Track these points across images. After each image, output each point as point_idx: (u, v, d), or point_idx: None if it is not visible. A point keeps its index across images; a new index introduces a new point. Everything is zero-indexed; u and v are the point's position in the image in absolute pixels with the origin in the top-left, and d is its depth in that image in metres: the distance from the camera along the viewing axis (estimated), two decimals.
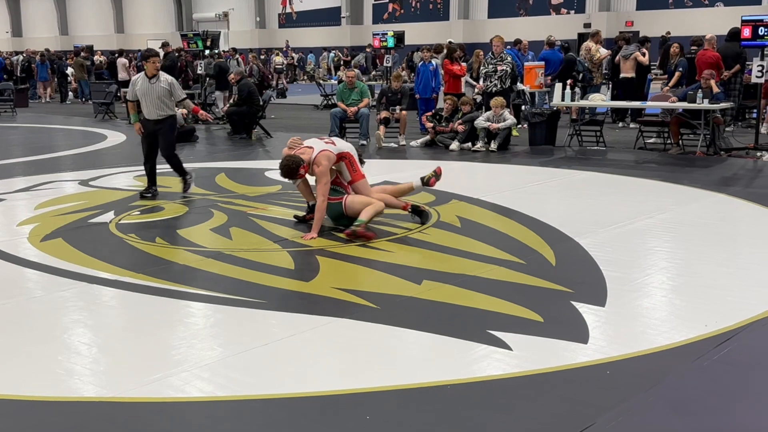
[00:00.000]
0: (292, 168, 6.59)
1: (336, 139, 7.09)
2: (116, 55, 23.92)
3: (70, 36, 51.03)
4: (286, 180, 6.93)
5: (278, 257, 5.95)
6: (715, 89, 10.81)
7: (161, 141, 8.24)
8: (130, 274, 5.51)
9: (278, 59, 31.23)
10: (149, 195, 8.18)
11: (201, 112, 8.23)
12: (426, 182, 7.11)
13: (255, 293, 5.07)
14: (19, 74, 24.88)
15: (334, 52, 36.71)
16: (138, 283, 5.30)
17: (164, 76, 8.14)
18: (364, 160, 7.33)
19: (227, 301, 4.92)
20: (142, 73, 8.20)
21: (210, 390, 3.65)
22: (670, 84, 13.59)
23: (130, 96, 8.30)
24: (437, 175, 7.10)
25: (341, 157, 6.80)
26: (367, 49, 23.78)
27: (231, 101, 14.63)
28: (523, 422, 3.32)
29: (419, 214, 6.99)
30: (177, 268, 5.73)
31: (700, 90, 10.79)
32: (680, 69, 13.69)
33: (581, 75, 14.87)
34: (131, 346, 4.25)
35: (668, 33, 15.58)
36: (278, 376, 3.81)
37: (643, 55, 14.25)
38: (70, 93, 25.42)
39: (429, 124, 12.44)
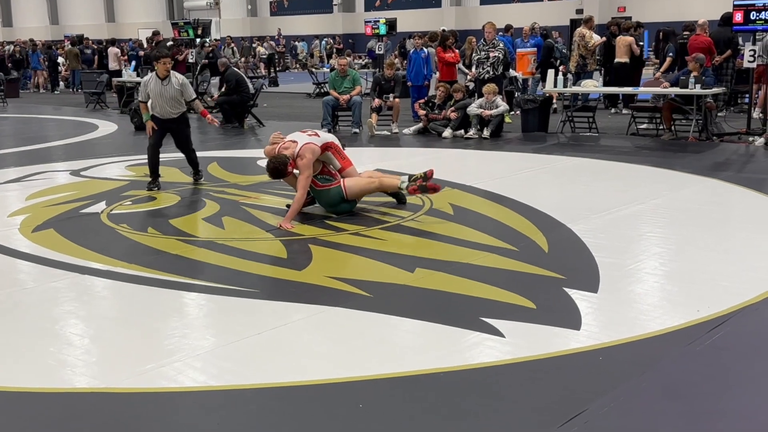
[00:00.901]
0: (279, 169, 6.61)
1: (318, 131, 7.09)
2: (106, 44, 23.77)
3: (61, 25, 50.66)
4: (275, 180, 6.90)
5: (271, 246, 5.94)
6: (695, 73, 10.80)
7: (179, 138, 8.32)
8: (122, 264, 5.49)
9: (261, 49, 31.09)
10: (155, 187, 8.12)
11: (208, 116, 8.21)
12: (412, 180, 6.75)
13: (247, 282, 5.06)
14: (9, 64, 24.67)
15: (325, 40, 36.59)
16: (130, 274, 5.28)
17: (175, 77, 8.13)
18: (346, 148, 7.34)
19: (220, 290, 4.91)
20: (153, 73, 8.16)
21: (203, 380, 3.65)
22: (662, 69, 13.57)
23: (142, 97, 8.26)
24: (426, 177, 6.70)
25: (326, 147, 6.84)
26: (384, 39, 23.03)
27: (221, 90, 14.56)
28: (516, 409, 3.32)
29: (395, 195, 7.12)
30: (169, 258, 5.71)
31: (691, 75, 10.78)
32: (670, 54, 13.67)
33: (558, 61, 14.87)
34: (123, 336, 4.24)
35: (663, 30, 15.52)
36: (271, 365, 3.80)
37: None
38: (61, 83, 25.27)
39: (422, 112, 12.42)
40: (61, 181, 8.97)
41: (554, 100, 13.76)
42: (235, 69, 14.24)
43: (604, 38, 14.56)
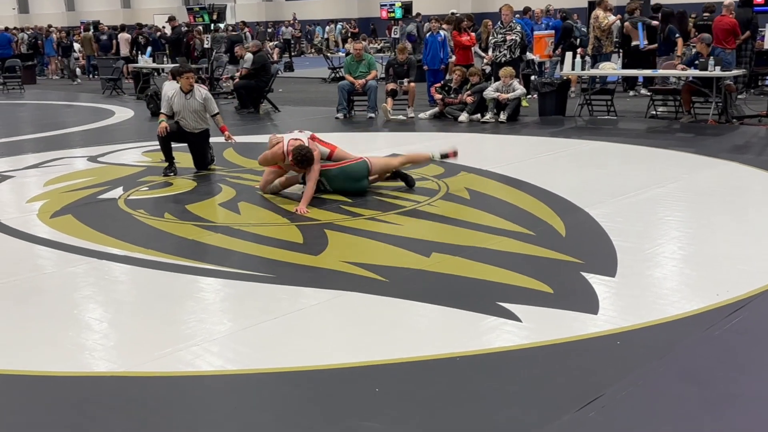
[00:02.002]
0: (308, 156, 6.64)
1: (298, 131, 7.22)
2: (118, 30, 23.81)
3: (77, 12, 50.84)
4: (301, 170, 6.85)
5: (287, 231, 5.94)
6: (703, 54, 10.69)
7: (197, 154, 8.37)
8: (139, 249, 5.51)
9: (285, 30, 31.07)
10: (172, 173, 8.16)
11: (227, 132, 8.22)
12: (444, 156, 7.53)
13: (264, 267, 5.07)
14: (25, 51, 24.78)
15: (341, 24, 36.46)
16: (147, 259, 5.30)
17: (199, 91, 8.19)
18: None
19: (236, 275, 4.93)
20: (178, 86, 8.18)
21: (219, 364, 3.66)
22: (678, 52, 13.34)
23: (165, 110, 8.28)
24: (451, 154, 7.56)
25: (312, 138, 7.09)
26: (417, 19, 22.40)
27: (240, 73, 14.53)
28: (533, 393, 3.31)
29: (403, 178, 7.20)
30: (186, 244, 5.73)
31: (711, 57, 10.65)
32: (677, 36, 13.41)
33: (579, 40, 14.72)
34: (141, 321, 4.26)
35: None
36: (287, 349, 3.81)
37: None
38: (78, 69, 25.35)
39: (438, 96, 12.36)
40: (79, 167, 9.02)
41: (572, 86, 13.64)
42: (263, 53, 14.21)
43: (619, 16, 14.38)
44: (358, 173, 6.93)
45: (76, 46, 25.44)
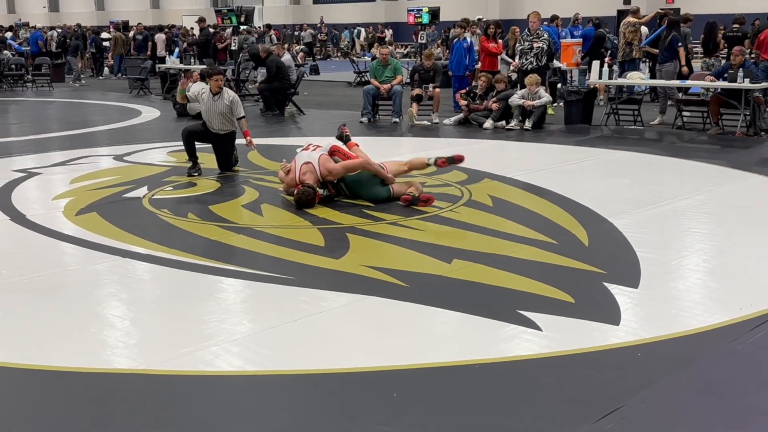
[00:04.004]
0: (310, 198, 6.63)
1: (317, 143, 7.18)
2: (153, 31, 24.05)
3: (107, 11, 51.35)
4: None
5: (308, 234, 5.96)
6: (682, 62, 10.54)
7: (222, 155, 8.42)
8: (162, 248, 5.55)
9: (304, 34, 31.17)
10: (196, 173, 8.22)
11: (249, 137, 8.27)
12: (450, 160, 7.20)
13: (285, 269, 5.09)
14: (54, 49, 25.05)
15: (363, 29, 36.41)
16: (170, 258, 5.34)
17: (227, 94, 8.25)
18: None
19: (257, 276, 4.95)
20: (208, 87, 8.27)
21: (239, 364, 3.68)
22: (683, 62, 13.07)
23: (191, 93, 8.38)
24: (453, 160, 7.18)
25: (332, 152, 7.03)
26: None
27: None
28: (552, 402, 3.29)
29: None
30: (208, 244, 5.77)
31: (741, 69, 10.55)
32: (680, 45, 13.21)
33: (609, 52, 14.65)
34: (163, 319, 4.30)
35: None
36: (307, 352, 3.82)
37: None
38: (106, 68, 25.61)
39: (463, 102, 12.34)
40: (105, 166, 9.11)
41: (600, 95, 13.55)
42: (276, 56, 14.27)
43: (655, 13, 14.19)
44: (370, 178, 6.89)
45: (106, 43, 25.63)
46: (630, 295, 4.54)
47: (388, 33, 31.02)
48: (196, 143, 8.29)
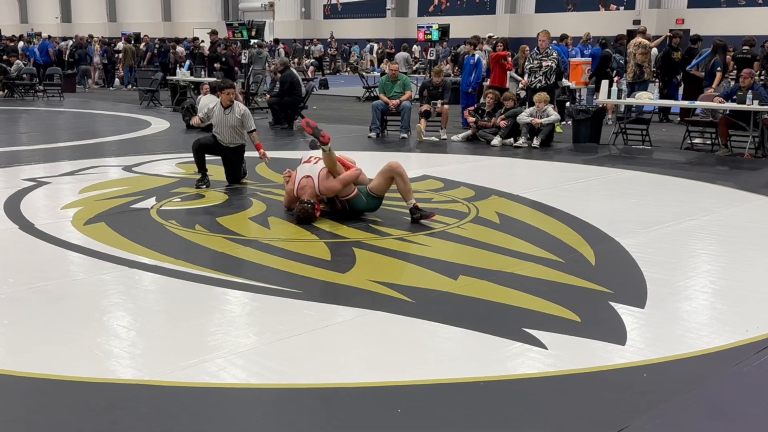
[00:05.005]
0: (309, 214, 6.64)
1: (315, 155, 7.13)
2: (172, 43, 24.26)
3: (118, 23, 51.74)
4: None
5: (315, 248, 5.97)
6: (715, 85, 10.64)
7: (231, 168, 8.49)
8: (169, 259, 5.57)
9: (314, 48, 31.30)
10: (204, 185, 8.25)
11: (262, 150, 8.31)
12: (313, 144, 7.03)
13: (291, 283, 5.09)
14: (67, 59, 25.21)
15: (375, 44, 36.55)
16: (177, 269, 5.35)
17: (238, 107, 8.32)
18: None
19: (263, 289, 4.95)
20: (219, 101, 8.34)
21: (244, 377, 3.68)
22: (714, 85, 13.26)
23: (201, 114, 8.44)
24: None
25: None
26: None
27: (273, 91, 14.69)
28: (557, 421, 3.28)
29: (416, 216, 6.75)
30: (215, 256, 5.78)
31: (750, 91, 10.55)
32: (718, 69, 13.35)
33: (614, 72, 14.72)
34: (169, 330, 4.30)
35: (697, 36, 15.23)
36: (311, 365, 3.82)
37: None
38: (117, 80, 25.77)
39: (471, 119, 12.37)
40: (114, 176, 9.15)
41: (609, 114, 13.59)
42: (292, 70, 14.36)
43: (661, 39, 14.33)
44: (363, 198, 6.85)
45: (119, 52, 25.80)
46: (636, 315, 4.53)
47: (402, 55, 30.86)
48: (206, 156, 8.32)
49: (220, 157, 8.48)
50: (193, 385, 3.59)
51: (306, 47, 37.44)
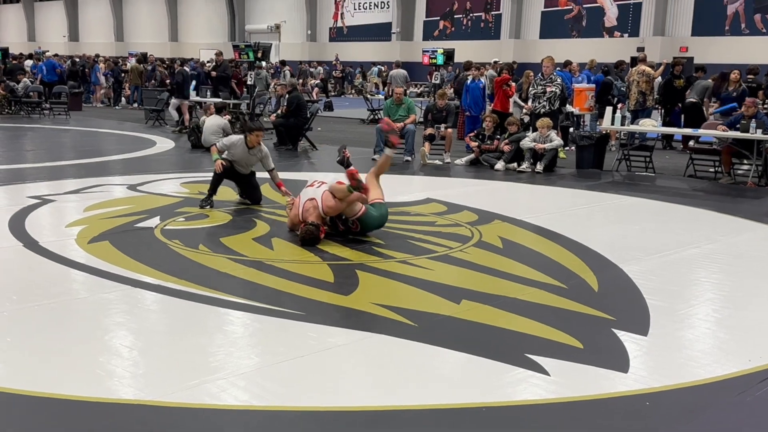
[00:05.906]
0: (314, 236, 6.68)
1: (322, 180, 7.21)
2: (180, 63, 24.41)
3: (126, 42, 52.12)
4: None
5: (318, 269, 5.97)
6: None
7: (250, 190, 8.69)
8: (172, 279, 5.57)
9: (320, 69, 31.32)
10: (208, 205, 8.28)
11: (283, 188, 8.37)
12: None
13: (293, 304, 5.10)
14: (79, 75, 25.36)
15: (380, 67, 36.78)
16: (180, 289, 5.36)
17: (262, 148, 8.48)
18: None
19: (266, 311, 4.96)
20: (242, 138, 8.43)
21: (245, 399, 3.67)
22: (709, 111, 13.31)
23: (219, 146, 8.46)
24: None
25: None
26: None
27: (278, 112, 14.76)
28: None
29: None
30: (218, 276, 5.78)
31: (753, 120, 10.59)
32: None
33: (616, 99, 14.81)
34: (171, 350, 4.30)
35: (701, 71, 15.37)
36: (313, 388, 3.81)
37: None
38: (123, 99, 25.91)
39: (473, 144, 12.41)
40: (118, 195, 9.17)
41: (612, 140, 13.64)
42: (298, 92, 14.45)
43: (663, 67, 14.40)
44: (371, 214, 6.95)
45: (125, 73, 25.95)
46: (639, 342, 4.52)
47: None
48: (223, 180, 8.43)
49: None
50: (195, 406, 3.58)
51: (312, 69, 37.64)
